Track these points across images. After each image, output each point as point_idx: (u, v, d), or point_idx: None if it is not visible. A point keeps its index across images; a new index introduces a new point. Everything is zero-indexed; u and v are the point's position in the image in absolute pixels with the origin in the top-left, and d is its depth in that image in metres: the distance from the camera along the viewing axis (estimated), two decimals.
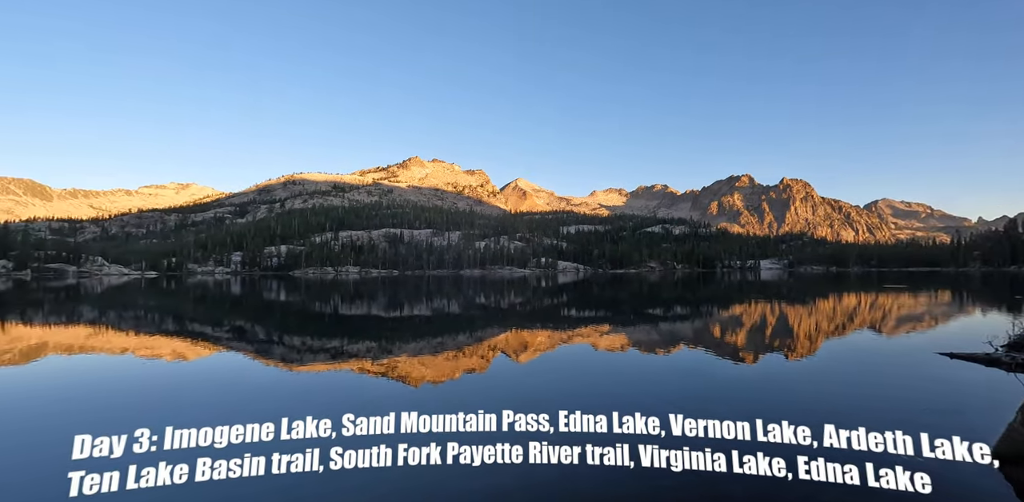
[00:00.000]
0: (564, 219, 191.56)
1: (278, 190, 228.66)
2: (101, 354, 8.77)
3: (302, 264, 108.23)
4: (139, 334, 11.83)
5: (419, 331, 12.41)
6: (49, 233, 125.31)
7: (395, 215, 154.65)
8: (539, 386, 6.16)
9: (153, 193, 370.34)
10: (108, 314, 17.08)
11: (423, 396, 5.74)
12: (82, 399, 5.60)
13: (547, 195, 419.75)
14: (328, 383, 6.49)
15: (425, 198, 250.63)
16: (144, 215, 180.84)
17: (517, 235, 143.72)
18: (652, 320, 14.53)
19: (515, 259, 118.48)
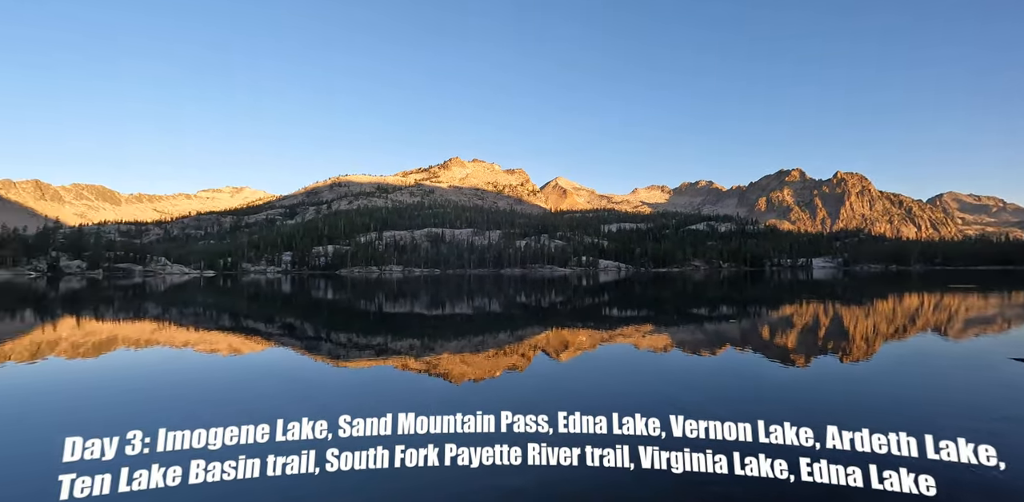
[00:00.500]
0: (605, 217, 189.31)
1: (325, 192, 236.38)
2: (157, 347, 9.31)
3: (348, 263, 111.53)
4: (197, 330, 12.50)
5: (460, 329, 12.56)
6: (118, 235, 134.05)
7: (436, 215, 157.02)
8: (584, 385, 6.12)
9: (210, 196, 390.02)
10: (170, 311, 18.12)
11: (463, 393, 5.80)
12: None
13: (587, 193, 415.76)
14: (374, 379, 6.65)
15: (466, 198, 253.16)
16: (202, 217, 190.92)
17: (557, 234, 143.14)
18: (696, 320, 14.17)
19: (555, 258, 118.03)
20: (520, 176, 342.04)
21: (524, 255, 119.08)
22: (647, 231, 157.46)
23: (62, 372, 7.22)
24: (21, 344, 9.86)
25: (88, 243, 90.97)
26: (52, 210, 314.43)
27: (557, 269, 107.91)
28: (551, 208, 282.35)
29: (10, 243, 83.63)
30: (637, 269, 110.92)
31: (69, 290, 32.49)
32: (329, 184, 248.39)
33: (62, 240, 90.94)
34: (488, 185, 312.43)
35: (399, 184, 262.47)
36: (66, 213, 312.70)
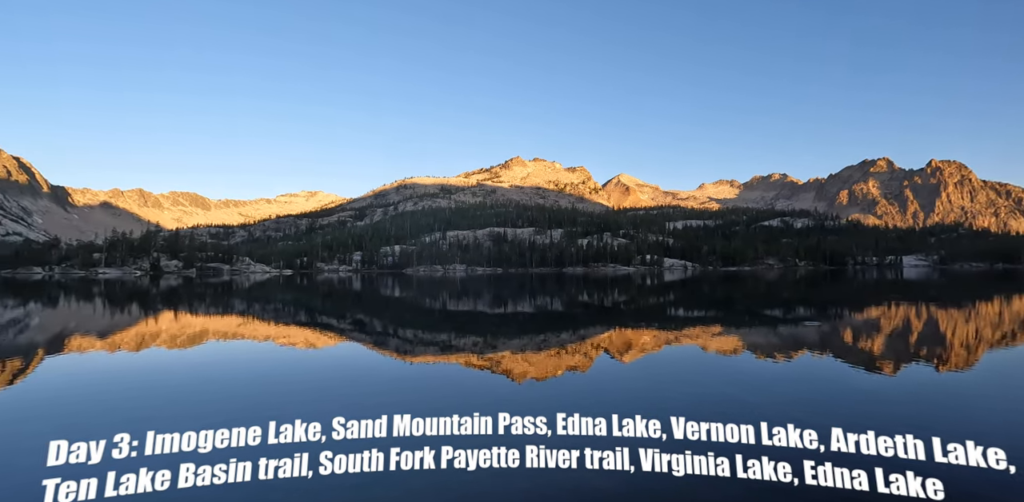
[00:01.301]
0: (670, 214, 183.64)
1: (391, 194, 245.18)
2: (242, 340, 10.03)
3: (414, 262, 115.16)
4: (276, 325, 13.36)
5: (522, 328, 12.63)
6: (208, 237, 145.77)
7: (498, 214, 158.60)
8: (644, 387, 5.98)
9: (288, 201, 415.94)
10: (253, 306, 19.47)
11: (527, 393, 5.83)
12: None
13: (651, 190, 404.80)
14: (439, 375, 6.83)
15: (527, 197, 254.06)
16: (281, 220, 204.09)
17: (620, 232, 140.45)
18: (769, 322, 13.43)
19: (618, 256, 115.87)
20: (581, 174, 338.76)
21: (586, 254, 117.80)
22: (715, 228, 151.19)
23: (156, 363, 7.95)
24: (128, 335, 10.98)
25: (183, 245, 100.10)
26: (153, 216, 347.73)
27: (620, 268, 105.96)
28: (613, 206, 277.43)
29: (119, 245, 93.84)
30: (704, 268, 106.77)
31: (168, 287, 35.77)
32: (395, 186, 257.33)
33: (161, 242, 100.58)
34: (549, 184, 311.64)
35: (461, 185, 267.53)
36: (165, 218, 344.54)
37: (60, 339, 10.65)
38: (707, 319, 14.20)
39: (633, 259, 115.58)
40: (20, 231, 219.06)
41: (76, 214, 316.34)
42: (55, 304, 20.94)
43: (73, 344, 9.90)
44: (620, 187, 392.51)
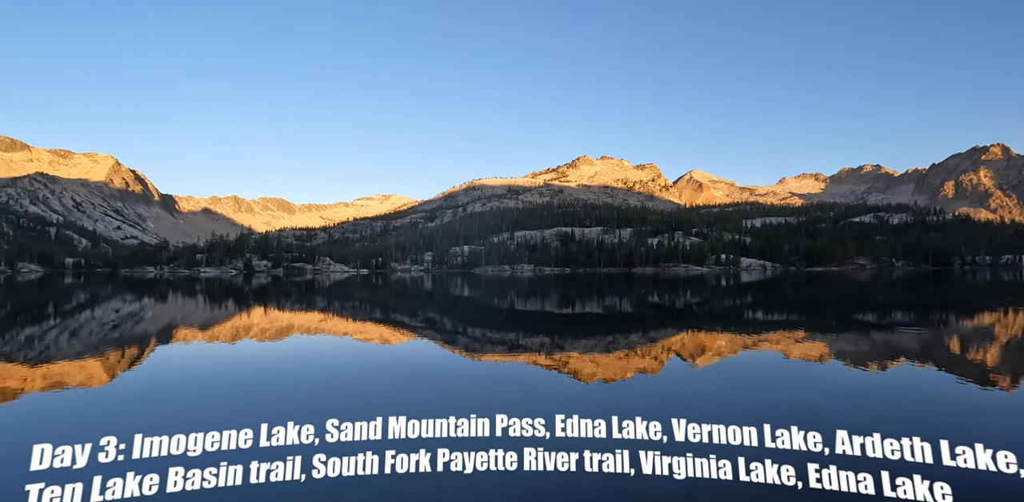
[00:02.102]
0: (747, 211, 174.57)
1: (460, 196, 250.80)
2: (323, 335, 10.65)
3: (482, 262, 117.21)
4: (354, 321, 14.08)
5: (590, 328, 12.49)
6: (293, 239, 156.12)
7: (566, 214, 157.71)
8: (717, 392, 5.73)
9: (364, 204, 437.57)
10: (334, 304, 20.63)
11: (594, 394, 5.76)
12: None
13: (726, 186, 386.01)
14: (503, 375, 6.90)
15: (595, 196, 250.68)
16: (358, 223, 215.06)
17: (693, 230, 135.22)
18: (860, 327, 12.39)
19: (691, 256, 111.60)
20: (651, 171, 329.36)
21: (656, 253, 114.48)
22: (798, 225, 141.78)
23: (247, 356, 8.62)
24: (224, 328, 12.02)
25: (272, 246, 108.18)
26: (246, 220, 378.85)
27: (692, 268, 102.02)
28: (685, 203, 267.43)
29: (217, 247, 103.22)
30: (786, 268, 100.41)
31: (258, 285, 38.75)
32: (464, 188, 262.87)
33: (253, 244, 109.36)
34: (617, 182, 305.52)
35: (528, 185, 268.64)
36: (256, 222, 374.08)
37: (168, 330, 11.84)
38: (789, 323, 13.35)
39: (707, 259, 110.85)
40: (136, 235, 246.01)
41: (182, 219, 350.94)
42: (164, 299, 23.29)
43: (179, 335, 10.96)
44: (692, 184, 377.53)
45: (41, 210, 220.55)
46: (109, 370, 7.19)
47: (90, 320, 14.51)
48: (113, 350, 9.02)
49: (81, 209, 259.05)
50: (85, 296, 25.24)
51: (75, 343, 9.84)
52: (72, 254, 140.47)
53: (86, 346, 9.48)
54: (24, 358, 8.08)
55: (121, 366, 7.55)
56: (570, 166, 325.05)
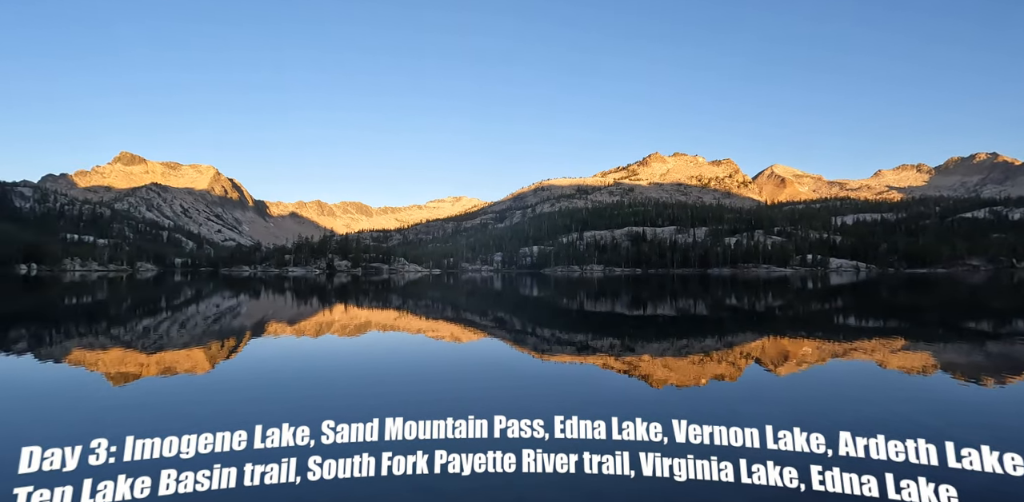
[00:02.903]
0: (836, 207, 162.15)
1: (529, 196, 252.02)
2: (399, 332, 11.08)
3: (551, 263, 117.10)
4: (427, 319, 14.55)
5: (662, 331, 12.11)
6: (371, 241, 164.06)
7: (636, 213, 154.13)
8: (803, 400, 5.35)
9: (436, 206, 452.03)
10: (408, 302, 21.43)
11: (667, 398, 5.59)
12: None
13: (812, 180, 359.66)
14: (571, 376, 6.85)
15: (667, 194, 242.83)
16: (430, 224, 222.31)
17: (775, 229, 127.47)
18: (974, 337, 11.10)
19: (772, 256, 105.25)
20: (728, 167, 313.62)
21: (734, 253, 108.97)
22: (896, 222, 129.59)
23: (331, 350, 9.14)
24: (309, 324, 12.84)
25: (351, 247, 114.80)
26: (328, 223, 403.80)
27: (775, 269, 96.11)
28: (766, 200, 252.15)
29: (303, 248, 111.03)
30: (883, 270, 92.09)
31: (339, 284, 41.12)
32: (532, 189, 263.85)
33: (334, 245, 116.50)
34: (691, 179, 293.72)
35: (598, 184, 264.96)
36: (337, 224, 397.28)
37: (260, 324, 12.84)
38: (887, 330, 12.23)
39: (791, 259, 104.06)
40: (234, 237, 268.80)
41: (272, 223, 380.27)
42: (257, 296, 25.26)
43: (269, 329, 11.85)
44: (774, 179, 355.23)
45: (155, 216, 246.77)
46: (211, 359, 7.91)
47: (194, 314, 16.04)
48: (214, 341, 9.92)
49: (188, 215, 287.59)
50: (191, 292, 27.93)
51: (183, 334, 10.92)
52: (180, 255, 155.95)
53: (192, 337, 10.49)
54: (141, 346, 9.06)
55: (221, 356, 8.28)
56: (641, 164, 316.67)
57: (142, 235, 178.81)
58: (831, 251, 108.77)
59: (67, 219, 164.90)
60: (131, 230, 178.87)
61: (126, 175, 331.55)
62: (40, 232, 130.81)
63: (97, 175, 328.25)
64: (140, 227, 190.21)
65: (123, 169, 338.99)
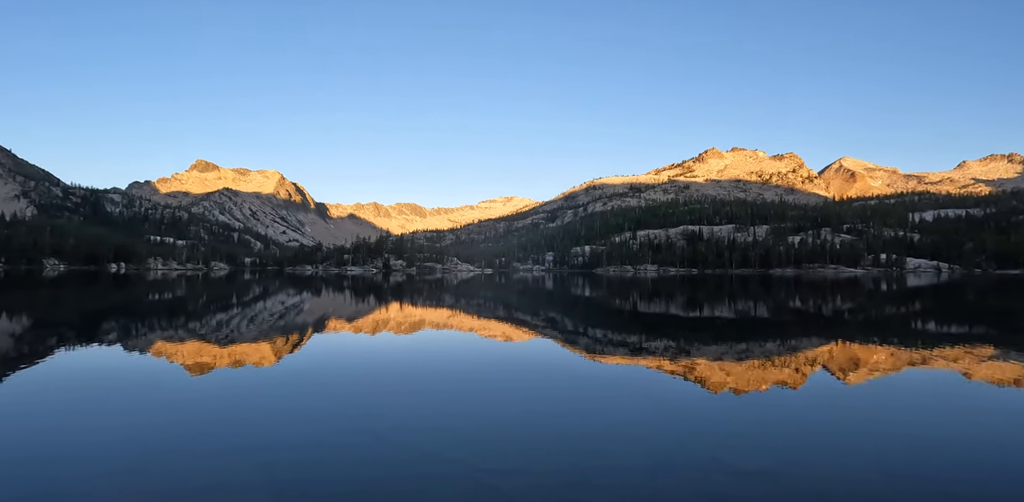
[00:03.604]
0: (914, 203, 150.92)
1: (581, 196, 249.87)
2: (452, 330, 11.26)
3: (603, 262, 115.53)
4: (479, 318, 14.71)
5: (719, 334, 11.68)
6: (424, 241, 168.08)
7: (692, 211, 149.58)
8: (865, 410, 5.01)
9: (487, 206, 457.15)
10: (460, 301, 21.76)
11: (723, 403, 5.38)
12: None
13: (886, 174, 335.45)
14: (623, 378, 6.73)
15: (725, 191, 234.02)
16: (482, 224, 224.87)
17: (844, 226, 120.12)
18: None
19: (841, 256, 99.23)
20: (791, 161, 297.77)
21: (798, 253, 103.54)
22: (984, 218, 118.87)
23: (389, 347, 9.41)
24: (367, 321, 13.30)
25: (406, 247, 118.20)
26: (384, 223, 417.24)
27: (844, 269, 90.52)
28: (834, 195, 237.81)
29: (361, 248, 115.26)
30: (968, 271, 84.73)
31: (395, 282, 42.33)
32: (584, 188, 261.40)
33: (390, 246, 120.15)
34: (751, 175, 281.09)
35: (651, 182, 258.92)
36: (392, 225, 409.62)
37: (322, 321, 13.43)
38: (974, 337, 11.23)
39: (861, 259, 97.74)
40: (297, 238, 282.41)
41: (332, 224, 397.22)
42: (319, 294, 26.42)
43: (330, 325, 12.36)
44: (843, 173, 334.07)
45: (227, 219, 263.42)
46: (277, 353, 8.35)
47: (262, 310, 16.97)
48: (279, 336, 10.45)
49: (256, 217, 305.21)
50: (260, 290, 29.58)
51: (252, 328, 11.58)
52: (249, 254, 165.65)
53: (260, 331, 11.10)
54: (215, 340, 9.69)
55: (285, 350, 8.71)
56: (697, 160, 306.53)
57: (215, 236, 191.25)
58: (908, 250, 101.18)
59: (151, 222, 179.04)
60: (206, 232, 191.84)
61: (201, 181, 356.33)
62: (128, 234, 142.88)
63: (176, 181, 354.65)
64: (214, 229, 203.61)
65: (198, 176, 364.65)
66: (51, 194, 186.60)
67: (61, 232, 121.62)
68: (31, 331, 11.19)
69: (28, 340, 9.83)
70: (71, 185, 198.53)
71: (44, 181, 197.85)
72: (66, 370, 6.77)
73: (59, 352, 8.21)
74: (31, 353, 8.15)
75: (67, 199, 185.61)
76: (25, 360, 7.41)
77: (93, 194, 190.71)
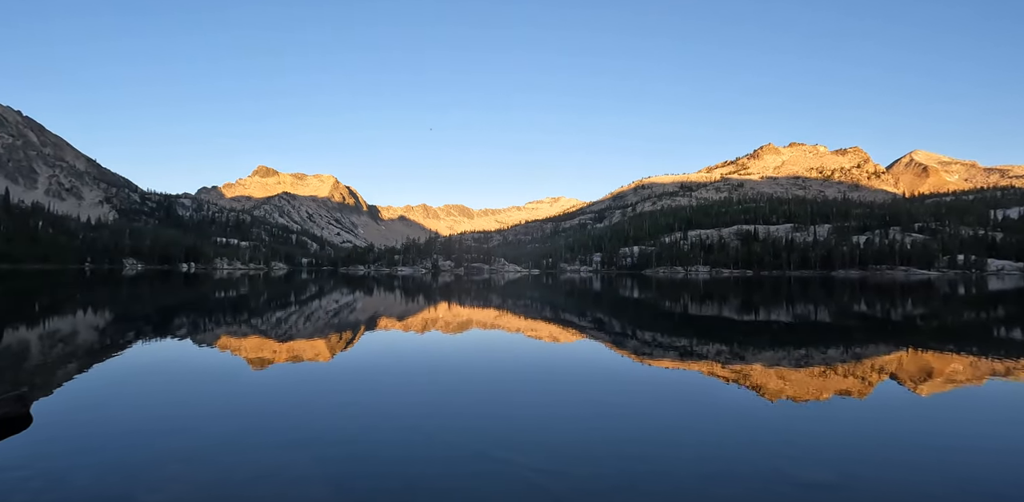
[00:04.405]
0: (996, 199, 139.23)
1: (629, 195, 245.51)
2: (499, 330, 11.32)
3: (653, 263, 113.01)
4: (526, 318, 14.72)
5: (776, 339, 11.18)
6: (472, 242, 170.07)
7: (747, 210, 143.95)
8: (949, 425, 4.65)
9: (534, 207, 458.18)
10: (507, 301, 21.87)
11: (781, 411, 5.14)
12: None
13: (963, 168, 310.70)
14: (672, 382, 6.56)
15: (782, 188, 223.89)
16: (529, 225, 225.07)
17: (915, 225, 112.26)
18: None
19: (912, 257, 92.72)
20: (855, 156, 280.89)
21: (864, 253, 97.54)
22: None
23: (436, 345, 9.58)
24: (417, 319, 13.59)
25: (454, 248, 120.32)
26: (432, 225, 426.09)
27: (915, 271, 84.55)
28: (903, 192, 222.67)
29: (411, 249, 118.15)
30: None
31: (444, 283, 43.03)
32: (633, 187, 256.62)
33: (439, 246, 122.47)
34: (811, 171, 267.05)
35: (703, 181, 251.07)
36: (441, 226, 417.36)
37: (374, 319, 13.84)
38: None
39: (935, 260, 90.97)
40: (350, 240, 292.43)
41: (383, 226, 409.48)
42: (371, 293, 27.25)
43: (382, 323, 12.72)
44: (914, 167, 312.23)
45: (286, 221, 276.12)
46: (332, 349, 8.68)
47: (318, 308, 17.67)
48: (334, 332, 10.86)
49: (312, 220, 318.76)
50: (316, 288, 30.84)
51: (308, 325, 12.09)
52: (306, 255, 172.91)
53: (315, 328, 11.58)
54: (275, 335, 10.17)
55: (339, 347, 9.04)
56: (752, 157, 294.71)
57: (275, 238, 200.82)
58: (989, 251, 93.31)
59: (217, 225, 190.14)
60: (267, 234, 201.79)
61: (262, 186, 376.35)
62: (197, 236, 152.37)
63: (240, 186, 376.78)
64: (274, 231, 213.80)
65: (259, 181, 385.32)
66: (130, 199, 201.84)
67: (139, 234, 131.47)
68: (114, 324, 12.14)
69: (111, 333, 10.68)
70: (147, 191, 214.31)
71: (124, 188, 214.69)
72: (143, 361, 7.31)
73: (136, 344, 8.87)
74: (112, 345, 8.85)
75: (144, 204, 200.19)
76: (108, 351, 8.05)
77: (166, 199, 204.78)
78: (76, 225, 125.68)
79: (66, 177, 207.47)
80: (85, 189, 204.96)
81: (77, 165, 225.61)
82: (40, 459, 3.59)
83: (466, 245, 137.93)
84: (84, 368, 6.77)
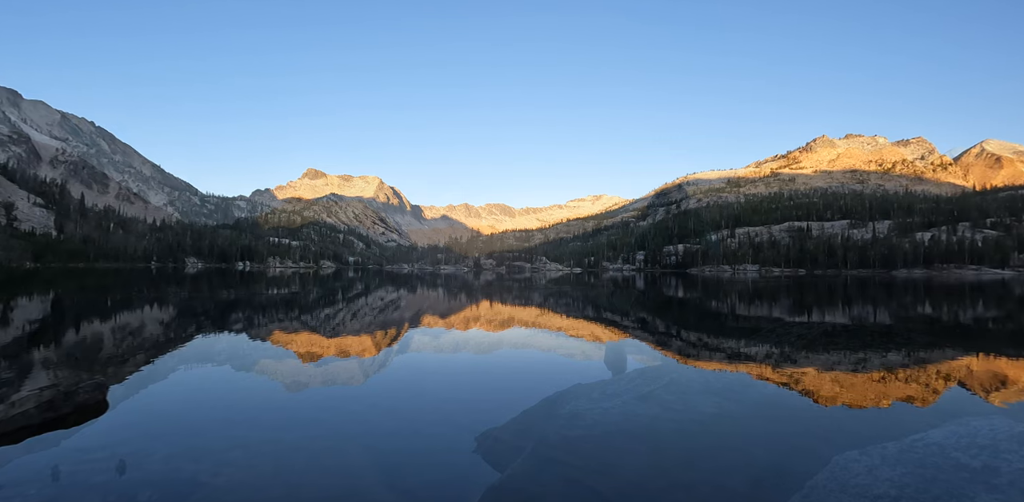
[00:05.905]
0: None
1: (673, 192, 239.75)
2: (539, 329, 11.34)
3: (698, 262, 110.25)
4: (567, 317, 14.67)
5: (831, 341, 10.69)
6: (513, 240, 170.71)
7: (799, 206, 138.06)
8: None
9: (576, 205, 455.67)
10: (548, 300, 21.85)
11: (837, 417, 4.93)
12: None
13: None
14: (720, 384, 6.40)
15: (837, 183, 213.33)
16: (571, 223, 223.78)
17: (987, 221, 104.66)
18: None
19: (984, 255, 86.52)
20: (919, 147, 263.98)
21: (929, 251, 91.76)
22: None
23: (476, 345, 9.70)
24: (459, 317, 13.80)
25: (496, 246, 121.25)
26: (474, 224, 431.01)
27: (987, 271, 78.76)
28: (973, 185, 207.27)
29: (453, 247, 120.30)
30: None
31: (485, 281, 43.45)
32: (676, 184, 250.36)
33: (481, 244, 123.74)
34: (869, 164, 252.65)
35: (751, 176, 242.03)
36: (482, 225, 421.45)
37: (418, 316, 14.14)
38: None
39: (1010, 258, 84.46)
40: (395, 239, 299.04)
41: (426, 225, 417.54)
42: (415, 291, 27.83)
43: (424, 321, 12.98)
44: (986, 158, 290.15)
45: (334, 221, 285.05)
46: (378, 345, 8.93)
47: (364, 306, 18.19)
48: (379, 330, 11.17)
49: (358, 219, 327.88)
50: (362, 286, 31.76)
51: (355, 322, 12.48)
52: (352, 254, 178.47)
53: (362, 325, 11.94)
54: (324, 331, 10.57)
55: (384, 343, 9.29)
56: (804, 150, 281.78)
57: (324, 237, 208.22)
58: None
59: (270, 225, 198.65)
60: (316, 234, 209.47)
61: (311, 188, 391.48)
62: (252, 236, 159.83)
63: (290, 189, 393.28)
64: (322, 231, 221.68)
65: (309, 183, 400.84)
66: (191, 202, 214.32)
67: (199, 235, 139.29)
68: (178, 319, 12.92)
69: (175, 326, 11.38)
70: (206, 194, 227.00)
71: (185, 191, 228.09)
72: (204, 353, 7.77)
73: (198, 338, 9.43)
74: (176, 338, 9.44)
75: (203, 206, 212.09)
76: (173, 344, 8.61)
77: (224, 201, 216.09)
78: (143, 227, 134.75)
79: (134, 182, 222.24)
80: (151, 193, 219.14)
81: (144, 171, 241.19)
82: (116, 444, 3.91)
83: (507, 244, 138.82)
84: (152, 359, 7.28)
